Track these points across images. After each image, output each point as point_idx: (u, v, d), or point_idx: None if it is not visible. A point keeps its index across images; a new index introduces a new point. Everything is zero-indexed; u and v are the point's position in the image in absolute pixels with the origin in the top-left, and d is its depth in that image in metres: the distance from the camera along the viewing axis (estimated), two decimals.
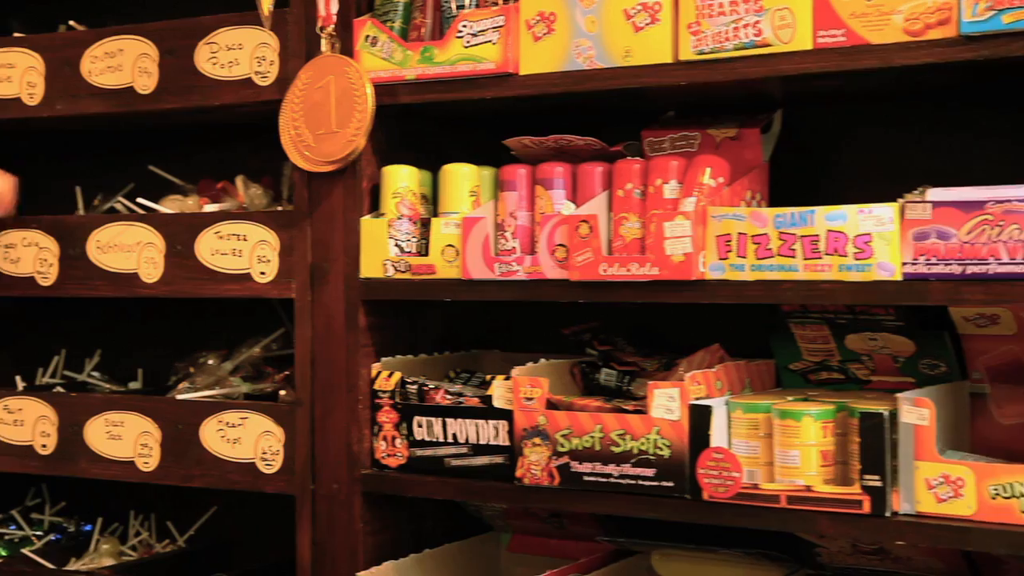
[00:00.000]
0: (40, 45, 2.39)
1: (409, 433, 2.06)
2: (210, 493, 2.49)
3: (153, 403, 2.31)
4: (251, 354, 2.43)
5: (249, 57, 2.19)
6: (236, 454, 2.21)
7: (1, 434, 2.43)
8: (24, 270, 2.42)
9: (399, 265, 2.06)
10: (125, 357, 2.74)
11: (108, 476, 2.34)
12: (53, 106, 2.38)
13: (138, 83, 2.29)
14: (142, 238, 2.30)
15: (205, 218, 2.26)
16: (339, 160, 2.09)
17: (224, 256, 2.23)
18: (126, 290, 2.32)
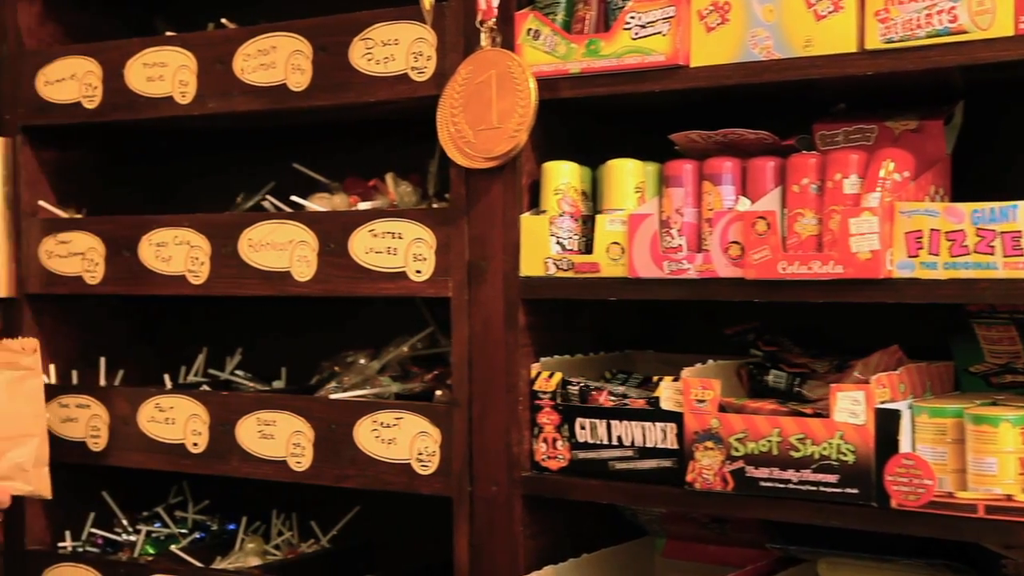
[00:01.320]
0: (192, 43, 2.33)
1: (571, 435, 1.96)
2: (352, 493, 2.41)
3: (306, 402, 2.23)
4: (399, 353, 2.35)
5: (405, 53, 2.10)
6: (391, 455, 2.12)
7: (153, 432, 2.37)
8: (175, 269, 2.35)
9: (561, 263, 1.96)
10: (265, 355, 2.67)
11: (259, 476, 2.27)
12: (205, 104, 2.31)
13: (291, 80, 2.21)
14: (294, 236, 2.22)
15: (359, 216, 2.17)
16: (500, 156, 1.99)
17: (379, 254, 2.14)
18: (278, 288, 2.25)
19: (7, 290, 2.51)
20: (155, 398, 2.38)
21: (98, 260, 2.44)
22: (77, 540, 2.57)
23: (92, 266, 2.44)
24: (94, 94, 2.43)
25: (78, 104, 2.45)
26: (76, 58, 2.44)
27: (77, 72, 2.44)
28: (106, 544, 2.59)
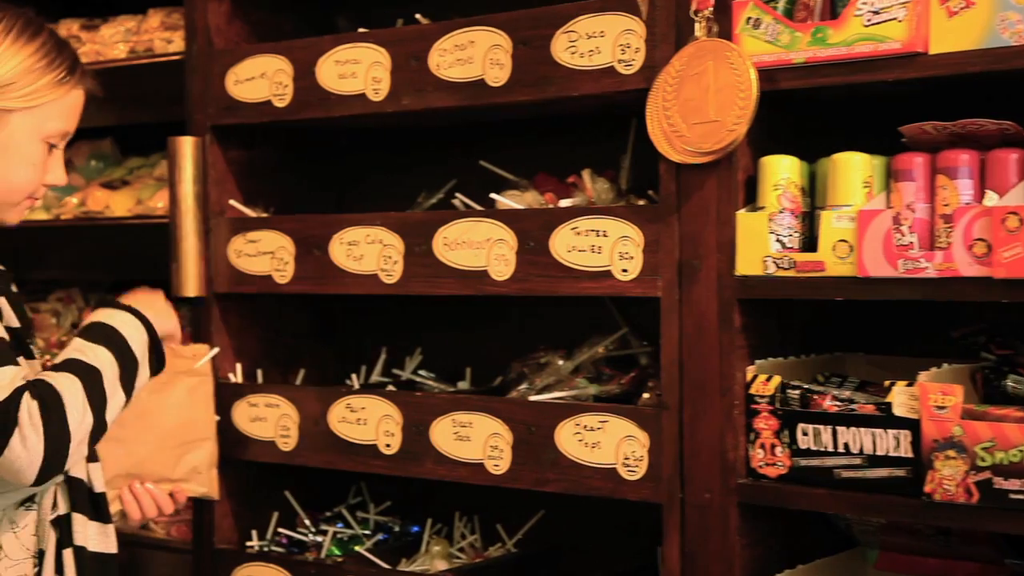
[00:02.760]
0: (386, 40, 2.24)
1: (792, 441, 1.83)
2: (535, 495, 2.31)
3: (504, 404, 2.13)
4: (594, 354, 2.24)
5: (612, 45, 1.99)
6: (595, 459, 2.01)
7: (345, 433, 2.29)
8: (367, 267, 2.27)
9: (781, 262, 1.83)
10: (443, 355, 2.58)
11: (454, 478, 2.17)
12: (399, 101, 2.22)
13: (489, 75, 2.11)
14: (492, 234, 2.12)
15: (561, 213, 2.06)
16: (716, 151, 1.87)
17: (582, 253, 2.03)
18: (475, 288, 2.15)
19: (196, 289, 2.45)
20: (346, 398, 2.30)
21: (288, 259, 2.36)
22: (263, 539, 2.50)
23: (282, 265, 2.37)
24: (284, 92, 2.36)
25: (268, 103, 2.38)
26: (267, 56, 2.37)
27: (267, 70, 2.37)
28: (290, 544, 2.51)
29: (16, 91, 1.82)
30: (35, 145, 1.86)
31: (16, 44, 1.84)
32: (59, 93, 1.85)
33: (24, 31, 1.85)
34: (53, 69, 1.86)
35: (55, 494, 1.85)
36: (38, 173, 1.88)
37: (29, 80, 1.83)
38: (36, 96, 1.84)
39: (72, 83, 1.88)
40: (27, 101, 1.83)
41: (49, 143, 1.87)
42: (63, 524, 1.83)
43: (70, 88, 1.88)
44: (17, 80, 1.82)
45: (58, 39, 1.91)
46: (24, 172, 1.86)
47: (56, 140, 1.89)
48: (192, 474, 2.16)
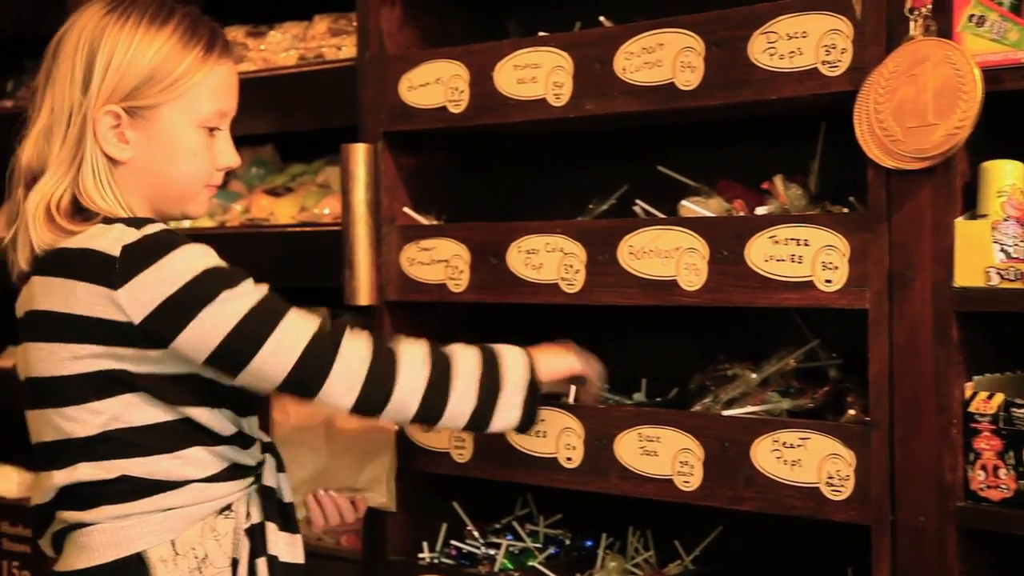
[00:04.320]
0: (568, 43, 2.14)
1: (1017, 463, 1.69)
2: (711, 511, 2.19)
3: (695, 418, 2.02)
4: (783, 366, 2.11)
5: (815, 46, 1.87)
6: (795, 477, 1.89)
7: (523, 445, 2.19)
8: (547, 277, 2.17)
9: (1007, 273, 1.70)
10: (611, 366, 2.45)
11: (640, 494, 2.07)
12: (582, 106, 2.12)
13: (679, 79, 2.00)
14: (682, 243, 2.01)
15: (757, 221, 1.95)
16: (933, 156, 1.74)
17: (780, 263, 1.91)
18: (663, 298, 2.04)
19: (369, 298, 2.38)
20: None
21: (463, 267, 2.27)
22: (433, 551, 2.42)
23: (457, 273, 2.28)
24: (460, 98, 2.27)
25: (443, 108, 2.29)
26: (442, 62, 2.29)
27: (443, 76, 2.29)
28: (460, 556, 2.42)
29: (158, 84, 1.75)
30: (193, 133, 1.79)
31: (148, 34, 1.76)
32: (202, 74, 1.78)
33: (155, 18, 1.78)
34: (191, 50, 1.77)
35: (248, 503, 1.79)
36: (205, 161, 1.81)
37: (167, 70, 1.75)
38: (178, 85, 1.76)
39: (214, 59, 1.80)
40: (171, 92, 1.76)
41: (208, 127, 1.80)
42: (256, 533, 1.78)
43: (213, 65, 1.79)
44: (155, 73, 1.75)
45: (193, 16, 1.81)
46: (189, 163, 1.79)
47: (215, 122, 1.82)
48: (373, 483, 2.10)
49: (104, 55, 1.75)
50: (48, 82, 1.78)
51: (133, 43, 1.75)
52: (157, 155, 1.78)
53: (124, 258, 1.68)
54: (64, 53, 1.78)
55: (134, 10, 1.78)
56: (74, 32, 1.78)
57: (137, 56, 1.75)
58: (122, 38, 1.76)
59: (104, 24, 1.77)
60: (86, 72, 1.75)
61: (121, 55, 1.75)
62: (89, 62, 1.75)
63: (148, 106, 1.76)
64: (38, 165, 1.77)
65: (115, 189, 1.76)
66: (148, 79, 1.75)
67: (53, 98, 1.76)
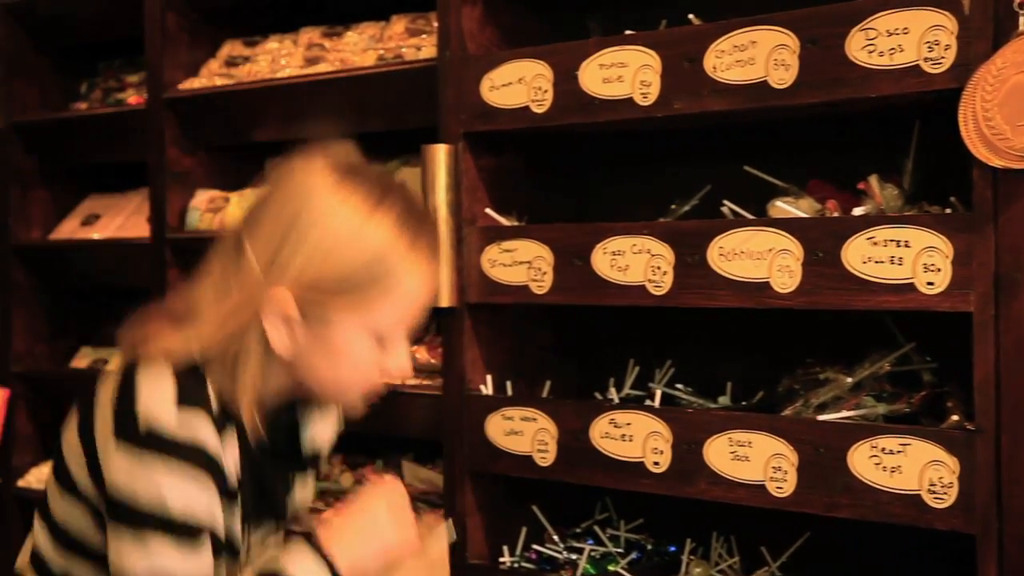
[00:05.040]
0: (657, 42, 2.09)
1: None
2: (799, 517, 2.14)
3: (788, 423, 1.96)
4: (876, 370, 2.05)
5: (916, 42, 1.81)
6: (895, 484, 1.83)
7: (608, 449, 2.15)
8: (633, 278, 2.12)
9: None
10: (692, 368, 2.41)
11: (731, 500, 2.01)
12: (670, 105, 2.07)
13: (773, 77, 1.95)
14: (775, 244, 1.95)
15: (854, 222, 1.89)
16: None
17: (879, 264, 1.85)
18: (755, 301, 1.99)
19: (450, 299, 2.34)
20: (609, 413, 2.15)
21: (546, 269, 2.23)
22: (513, 555, 2.37)
23: (539, 275, 2.24)
24: (544, 98, 2.22)
25: (526, 108, 2.25)
26: (525, 61, 2.24)
27: (526, 75, 2.24)
28: (540, 560, 2.38)
29: (351, 295, 1.55)
30: (364, 342, 1.58)
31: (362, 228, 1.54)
32: (399, 288, 1.56)
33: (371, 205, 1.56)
34: (396, 256, 1.55)
35: None
36: (370, 371, 1.61)
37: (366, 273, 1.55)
38: (369, 301, 1.55)
39: (417, 267, 1.57)
40: (356, 307, 1.56)
41: (382, 336, 1.59)
42: None
43: (410, 279, 1.57)
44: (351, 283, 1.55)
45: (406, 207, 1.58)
46: (351, 372, 1.60)
47: (391, 332, 1.59)
48: None
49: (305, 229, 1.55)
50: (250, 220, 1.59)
51: (344, 233, 1.54)
52: (322, 356, 1.58)
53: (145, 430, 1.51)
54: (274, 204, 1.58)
55: (355, 191, 1.57)
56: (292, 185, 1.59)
57: (343, 250, 1.54)
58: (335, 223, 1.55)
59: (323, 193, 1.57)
60: (281, 239, 1.55)
61: (331, 240, 1.55)
62: (287, 229, 1.55)
63: (325, 309, 1.56)
64: (183, 309, 1.60)
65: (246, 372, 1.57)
66: (345, 278, 1.55)
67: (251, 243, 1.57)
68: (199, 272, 1.64)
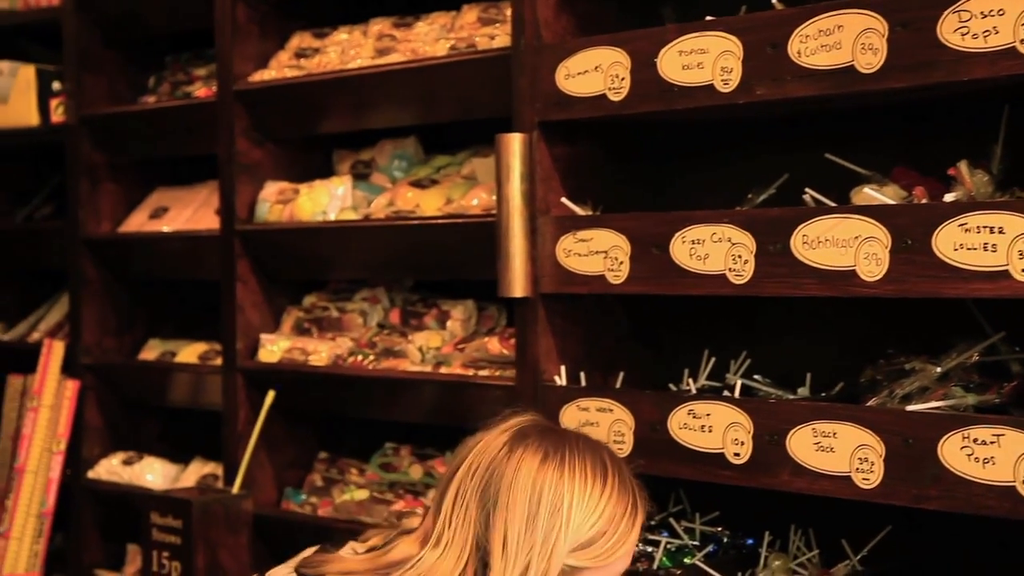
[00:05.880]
0: (738, 27, 2.05)
1: None
2: (880, 510, 2.09)
3: (875, 414, 1.92)
4: (965, 360, 1.99)
5: (1012, 24, 1.76)
6: (988, 476, 1.78)
7: (686, 440, 2.11)
8: (713, 267, 2.08)
9: None
10: (768, 359, 2.36)
11: (816, 491, 1.97)
12: (752, 91, 2.03)
13: (860, 61, 1.90)
14: (861, 232, 1.91)
15: (945, 209, 1.84)
16: None
17: (972, 251, 1.80)
18: (839, 289, 1.94)
19: (524, 289, 2.31)
20: (688, 404, 2.12)
21: (623, 258, 2.19)
22: None
23: (616, 265, 2.20)
24: (621, 86, 2.19)
25: (603, 96, 2.21)
26: (602, 49, 2.21)
27: (603, 63, 2.21)
28: None
29: (595, 550, 1.69)
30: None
31: (595, 493, 1.70)
32: (627, 542, 1.72)
33: (597, 477, 1.71)
34: (623, 517, 1.71)
35: None
36: None
37: (607, 537, 1.70)
38: (611, 552, 1.70)
39: (637, 525, 1.74)
40: (602, 560, 1.70)
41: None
42: None
43: (635, 531, 1.74)
44: (598, 538, 1.69)
45: (620, 474, 1.74)
46: None
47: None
48: None
49: (566, 508, 1.68)
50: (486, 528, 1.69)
51: (591, 501, 1.69)
52: None
53: None
54: (512, 502, 1.68)
55: (575, 462, 1.72)
56: (518, 480, 1.69)
57: (593, 515, 1.69)
58: (581, 495, 1.69)
59: (557, 475, 1.69)
60: (550, 526, 1.67)
61: (582, 512, 1.68)
62: (553, 515, 1.67)
63: (579, 567, 1.69)
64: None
65: None
66: (591, 542, 1.69)
67: (504, 545, 1.66)
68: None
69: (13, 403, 3.48)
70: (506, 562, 1.66)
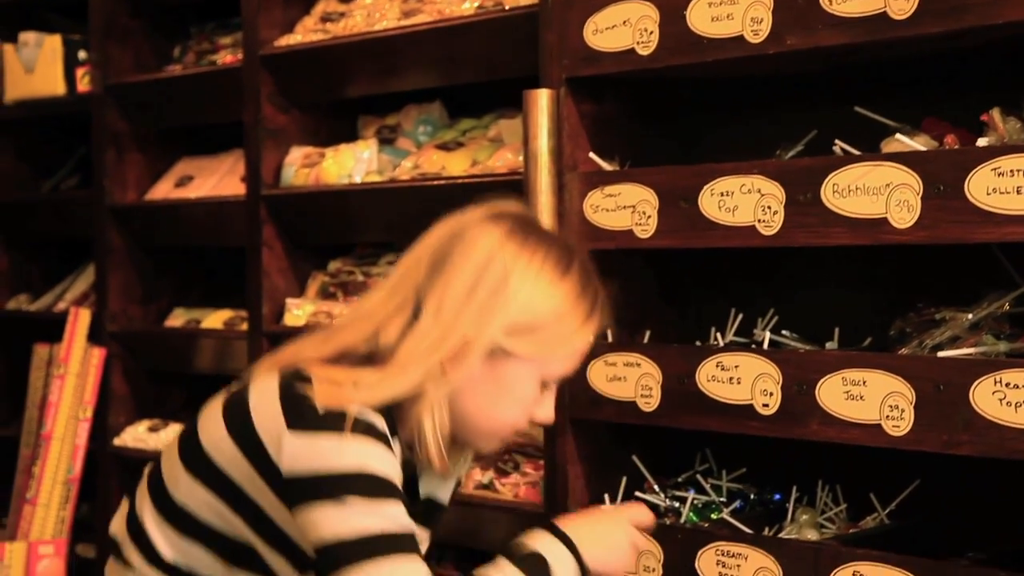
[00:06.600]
0: None
1: None
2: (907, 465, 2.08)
3: (906, 361, 1.90)
4: (996, 310, 1.98)
5: None
6: (1020, 420, 1.77)
7: (715, 392, 2.10)
8: (742, 219, 2.07)
9: None
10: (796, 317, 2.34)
11: (845, 440, 1.96)
12: (783, 41, 2.02)
13: (892, 7, 1.89)
14: (893, 179, 1.89)
15: (979, 153, 1.82)
16: None
17: (1004, 195, 1.79)
18: (870, 237, 1.93)
19: None
20: (717, 356, 2.11)
21: (650, 212, 2.19)
22: (615, 503, 2.33)
23: (643, 219, 2.19)
24: (650, 40, 2.18)
25: (631, 51, 2.21)
26: (630, 3, 2.20)
27: (631, 17, 2.20)
28: None
29: (534, 339, 1.64)
30: (532, 387, 1.68)
31: (553, 282, 1.65)
32: (576, 339, 1.68)
33: (559, 266, 1.67)
34: (578, 314, 1.67)
35: None
36: (524, 413, 1.70)
37: (549, 329, 1.65)
38: (550, 347, 1.65)
39: (590, 326, 1.69)
40: (538, 351, 1.65)
41: (546, 382, 1.70)
42: None
43: (587, 332, 1.69)
44: (540, 328, 1.64)
45: (585, 271, 1.70)
46: (510, 411, 1.69)
47: (553, 380, 1.71)
48: None
49: (513, 286, 1.63)
50: (429, 280, 1.64)
51: (540, 286, 1.64)
52: (484, 393, 1.66)
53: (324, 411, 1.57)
54: (461, 262, 1.64)
55: (539, 247, 1.66)
56: (476, 246, 1.65)
57: (539, 301, 1.64)
58: (530, 276, 1.64)
59: (513, 251, 1.65)
60: (490, 297, 1.62)
61: (527, 294, 1.63)
62: (496, 288, 1.63)
63: (506, 351, 1.64)
64: (366, 350, 1.65)
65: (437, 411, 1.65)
66: (530, 329, 1.64)
67: (439, 302, 1.62)
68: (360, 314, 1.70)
69: (40, 372, 3.49)
70: (436, 319, 1.61)
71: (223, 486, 1.63)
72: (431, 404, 1.63)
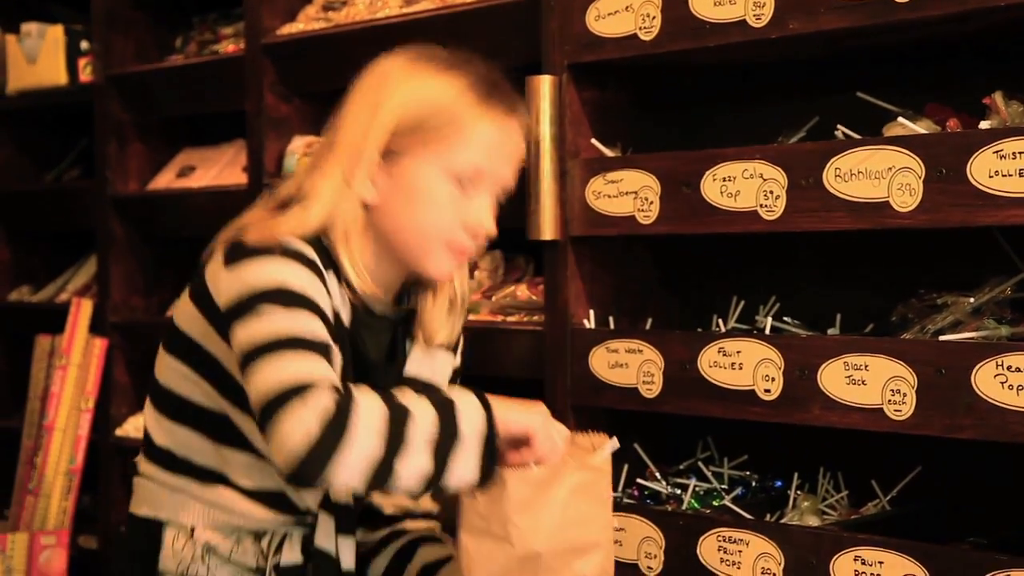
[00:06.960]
0: None
1: None
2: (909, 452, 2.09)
3: (907, 345, 1.90)
4: (998, 295, 1.98)
5: None
6: (1021, 403, 1.76)
7: (716, 378, 2.10)
8: (744, 204, 2.07)
9: None
10: (798, 305, 2.34)
11: (846, 424, 1.96)
12: (785, 25, 2.01)
13: None
14: (895, 163, 1.89)
15: (981, 136, 1.82)
16: None
17: (1007, 178, 1.78)
18: (872, 221, 1.93)
19: (553, 232, 2.30)
20: (718, 341, 2.10)
21: (652, 198, 2.18)
22: (616, 491, 2.32)
23: (646, 205, 2.19)
24: (652, 25, 2.18)
25: (633, 37, 2.20)
26: None
27: (633, 2, 2.20)
28: (641, 496, 2.33)
29: (421, 132, 1.67)
30: (439, 182, 1.68)
31: (435, 76, 1.70)
32: (467, 123, 1.68)
33: (449, 65, 1.73)
34: (466, 97, 1.69)
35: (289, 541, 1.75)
36: (445, 215, 1.68)
37: (437, 119, 1.68)
38: (441, 137, 1.67)
39: (487, 111, 1.69)
40: (431, 144, 1.67)
41: (459, 180, 1.69)
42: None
43: (482, 116, 1.69)
44: (424, 119, 1.68)
45: (487, 70, 1.75)
46: (427, 213, 1.68)
47: (468, 177, 1.69)
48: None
49: (390, 87, 1.70)
50: (336, 118, 1.75)
51: (417, 81, 1.70)
52: (399, 205, 1.69)
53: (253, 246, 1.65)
54: (358, 87, 1.76)
55: (435, 56, 1.74)
56: (373, 72, 1.77)
57: (419, 95, 1.68)
58: (407, 74, 1.71)
59: (400, 63, 1.74)
60: (371, 103, 1.70)
61: (406, 90, 1.69)
62: (375, 94, 1.71)
63: (403, 151, 1.68)
64: (298, 196, 1.72)
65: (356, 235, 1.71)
66: (420, 121, 1.67)
67: (337, 126, 1.74)
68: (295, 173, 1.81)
69: (41, 363, 3.49)
70: (333, 142, 1.72)
71: (188, 350, 1.71)
72: (345, 223, 1.69)
